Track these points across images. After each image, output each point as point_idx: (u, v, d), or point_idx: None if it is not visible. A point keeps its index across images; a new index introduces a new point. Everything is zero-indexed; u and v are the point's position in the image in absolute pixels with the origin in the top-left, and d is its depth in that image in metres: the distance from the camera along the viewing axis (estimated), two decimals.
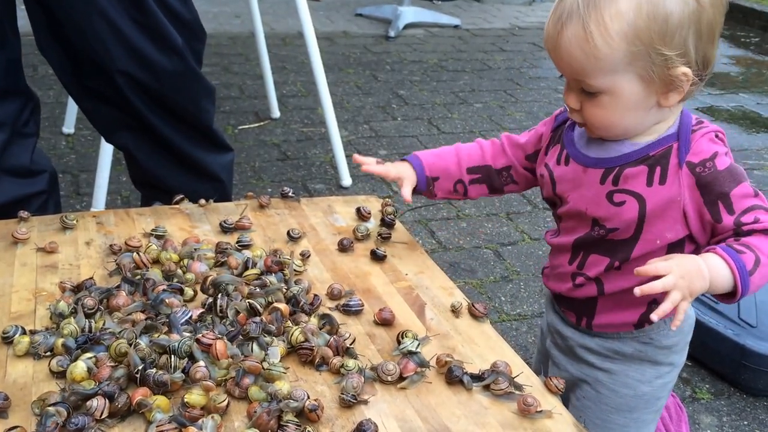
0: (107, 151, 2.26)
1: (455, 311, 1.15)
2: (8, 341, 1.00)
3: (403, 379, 0.99)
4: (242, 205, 1.45)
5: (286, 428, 0.86)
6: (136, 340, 0.97)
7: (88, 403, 0.87)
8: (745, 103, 4.16)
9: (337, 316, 1.09)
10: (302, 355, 1.00)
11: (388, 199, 1.49)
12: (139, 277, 1.14)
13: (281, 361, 0.98)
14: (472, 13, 5.94)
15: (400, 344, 1.03)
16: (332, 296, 1.16)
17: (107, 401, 0.88)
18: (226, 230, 1.34)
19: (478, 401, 0.97)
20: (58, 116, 3.26)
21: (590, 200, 1.12)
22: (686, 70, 1.00)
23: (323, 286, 1.19)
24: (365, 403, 0.94)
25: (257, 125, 3.42)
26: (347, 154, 3.02)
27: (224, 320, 1.05)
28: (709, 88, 4.31)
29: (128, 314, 1.05)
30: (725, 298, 1.04)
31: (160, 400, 0.89)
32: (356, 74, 4.25)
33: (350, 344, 1.04)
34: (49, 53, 1.73)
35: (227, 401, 0.90)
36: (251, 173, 2.94)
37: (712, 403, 1.88)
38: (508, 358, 1.04)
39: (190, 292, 1.14)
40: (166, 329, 1.02)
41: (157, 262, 1.22)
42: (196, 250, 1.24)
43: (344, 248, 1.31)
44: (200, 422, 0.86)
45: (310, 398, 0.91)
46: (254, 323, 1.01)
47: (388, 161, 1.33)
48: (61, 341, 0.98)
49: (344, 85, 4.05)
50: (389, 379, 0.97)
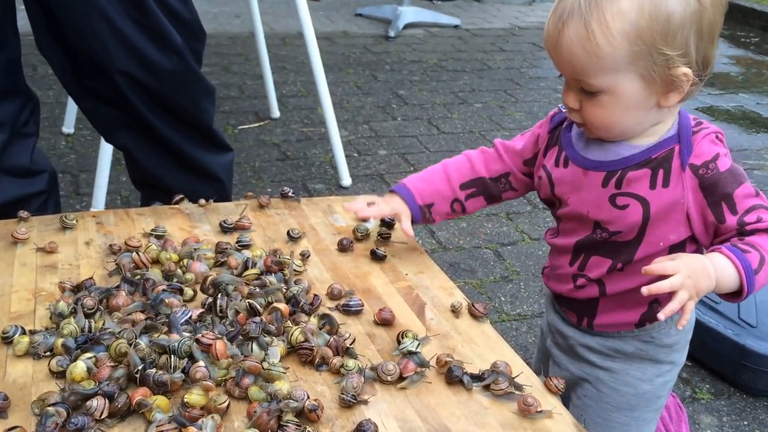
0: (107, 151, 2.26)
1: (455, 311, 1.15)
2: (8, 341, 1.00)
3: (403, 379, 0.99)
4: (242, 205, 1.44)
5: (286, 428, 0.86)
6: (135, 340, 0.97)
7: (87, 403, 0.87)
8: (745, 103, 4.16)
9: (337, 316, 1.09)
10: (302, 355, 1.00)
11: None
12: (138, 277, 1.14)
13: (281, 361, 0.98)
14: (471, 13, 5.94)
15: (400, 344, 1.03)
16: (332, 296, 1.16)
17: (107, 401, 0.87)
18: (225, 230, 1.34)
19: (478, 401, 0.97)
20: (57, 116, 3.26)
21: (592, 203, 1.12)
22: (687, 70, 1.00)
23: (323, 286, 1.19)
24: (365, 403, 0.94)
25: (257, 125, 3.42)
26: (347, 154, 3.02)
27: (224, 320, 1.05)
28: (709, 88, 4.31)
29: (128, 314, 1.05)
30: (730, 297, 1.04)
31: (159, 400, 0.89)
32: (356, 74, 4.25)
33: (350, 344, 1.03)
34: (48, 53, 1.73)
35: (228, 402, 0.89)
36: (251, 173, 2.94)
37: (712, 403, 1.88)
38: (508, 358, 1.04)
39: (189, 292, 1.14)
40: (165, 329, 1.02)
41: (156, 262, 1.22)
42: (195, 250, 1.24)
43: (344, 248, 1.30)
44: (200, 422, 0.86)
45: (309, 398, 0.91)
46: (254, 323, 1.01)
47: (377, 195, 1.31)
48: (60, 341, 0.98)
49: (344, 85, 4.05)
50: (389, 379, 0.97)
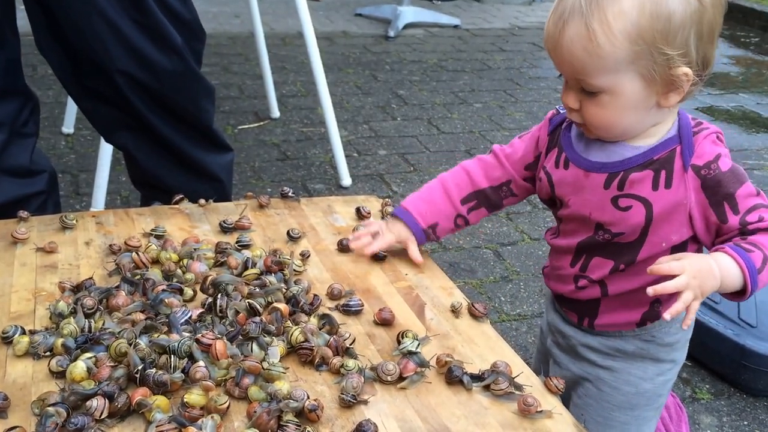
0: (107, 151, 2.26)
1: (455, 311, 1.15)
2: (8, 341, 1.00)
3: (402, 379, 0.98)
4: (242, 205, 1.44)
5: (285, 428, 0.86)
6: (135, 340, 0.97)
7: (87, 403, 0.87)
8: (745, 103, 4.16)
9: (336, 316, 1.09)
10: (302, 355, 1.00)
11: (387, 199, 1.49)
12: (138, 277, 1.14)
13: (281, 361, 0.98)
14: (471, 13, 5.94)
15: (400, 344, 1.03)
16: (332, 296, 1.16)
17: (107, 401, 0.87)
18: (225, 230, 1.34)
19: (478, 401, 0.97)
20: (57, 116, 3.26)
21: (594, 205, 1.12)
22: (687, 70, 1.00)
23: (323, 286, 1.19)
24: (365, 403, 0.94)
25: (257, 125, 3.42)
26: (347, 154, 3.02)
27: (224, 320, 1.05)
28: (709, 88, 4.31)
29: (128, 314, 1.05)
30: (733, 296, 1.05)
31: (159, 400, 0.89)
32: (356, 74, 4.25)
33: (350, 344, 1.03)
34: (48, 53, 1.73)
35: (228, 403, 0.89)
36: (251, 173, 2.94)
37: (712, 403, 1.88)
38: (507, 358, 1.04)
39: (189, 292, 1.14)
40: (165, 329, 1.01)
41: (156, 262, 1.21)
42: (195, 250, 1.23)
43: (344, 248, 1.30)
44: (200, 422, 0.86)
45: (309, 398, 0.90)
46: (254, 323, 1.01)
47: (381, 221, 1.31)
48: (60, 341, 0.98)
49: (344, 85, 4.05)
50: (389, 379, 0.97)
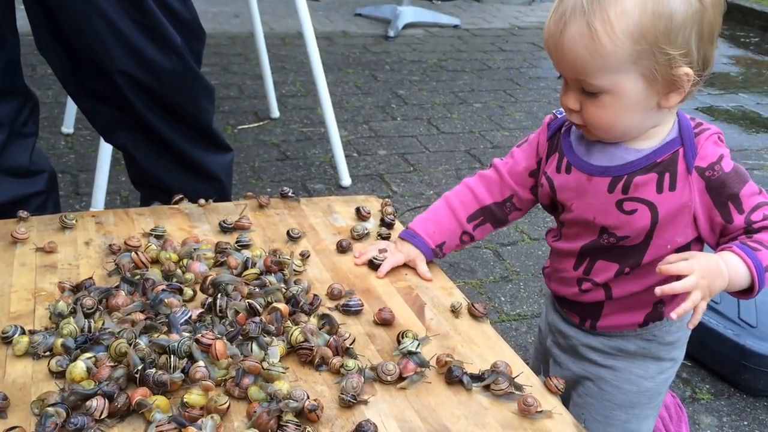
0: (106, 151, 2.26)
1: (455, 311, 1.15)
2: (7, 341, 1.00)
3: (402, 379, 0.98)
4: (242, 205, 1.44)
5: (285, 428, 0.86)
6: (135, 340, 0.97)
7: (87, 403, 0.87)
8: (744, 103, 4.16)
9: (336, 316, 1.09)
10: (302, 355, 1.00)
11: (387, 199, 1.49)
12: (138, 277, 1.14)
13: (281, 361, 0.98)
14: (471, 12, 5.94)
15: (400, 344, 1.03)
16: (332, 296, 1.16)
17: (107, 401, 0.87)
18: (225, 230, 1.34)
19: (478, 401, 0.97)
20: (57, 116, 3.25)
21: (598, 209, 1.12)
22: (688, 70, 1.00)
23: (323, 286, 1.19)
24: (365, 403, 0.94)
25: (256, 125, 3.42)
26: (347, 154, 3.02)
27: (224, 320, 1.05)
28: (708, 88, 4.31)
29: (127, 314, 1.05)
30: (740, 294, 1.05)
31: (159, 400, 0.89)
32: (356, 74, 4.25)
33: (350, 344, 1.03)
34: (48, 53, 1.73)
35: (228, 403, 0.89)
36: (250, 173, 2.93)
37: (712, 403, 1.88)
38: (507, 358, 1.04)
39: (189, 292, 1.14)
40: (165, 329, 1.01)
41: (156, 262, 1.21)
42: (195, 249, 1.23)
43: (343, 250, 1.30)
44: (200, 422, 0.86)
45: (309, 398, 0.90)
46: (254, 323, 1.01)
47: (388, 242, 1.31)
48: (60, 341, 0.98)
49: (343, 85, 4.04)
50: (389, 379, 0.97)
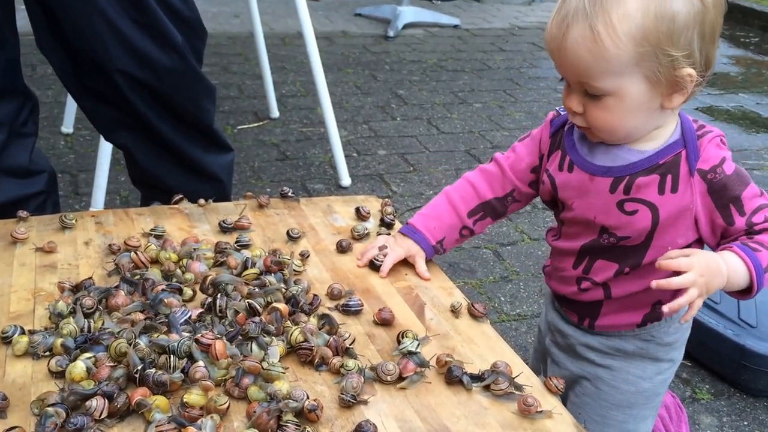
0: (106, 151, 2.26)
1: (455, 311, 1.15)
2: (7, 341, 1.00)
3: (402, 379, 0.98)
4: (241, 205, 1.44)
5: (285, 428, 0.86)
6: (135, 339, 0.97)
7: (87, 403, 0.87)
8: (744, 103, 4.16)
9: (336, 316, 1.09)
10: (302, 355, 1.00)
11: (387, 199, 1.49)
12: (138, 276, 1.14)
13: (280, 361, 0.98)
14: (471, 12, 5.94)
15: (399, 344, 1.03)
16: (332, 296, 1.16)
17: (106, 401, 0.87)
18: (225, 230, 1.34)
19: (477, 401, 0.97)
20: (56, 116, 3.25)
21: (599, 209, 1.12)
22: (691, 71, 1.00)
23: (323, 286, 1.19)
24: (365, 403, 0.94)
25: (256, 125, 3.42)
26: (346, 154, 3.02)
27: (223, 320, 1.05)
28: (708, 88, 4.31)
29: (127, 314, 1.05)
30: (738, 294, 1.06)
31: (159, 400, 0.89)
32: (355, 74, 4.25)
33: (350, 344, 1.03)
34: (49, 53, 1.72)
35: (228, 403, 0.89)
36: (250, 173, 2.93)
37: (712, 403, 1.88)
38: (507, 358, 1.04)
39: (189, 291, 1.14)
40: (165, 329, 1.01)
41: (156, 261, 1.21)
42: (195, 249, 1.23)
43: (343, 250, 1.30)
44: (199, 422, 0.86)
45: (309, 398, 0.90)
46: (253, 323, 1.01)
47: (389, 236, 1.30)
48: (60, 341, 0.98)
49: (343, 85, 4.04)
50: (389, 379, 0.97)
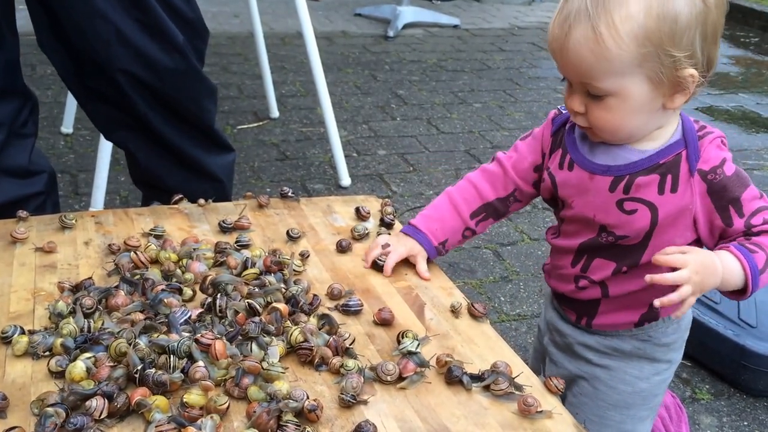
0: (106, 151, 2.26)
1: (455, 311, 1.15)
2: (7, 341, 1.00)
3: (402, 379, 0.98)
4: (241, 205, 1.44)
5: (285, 428, 0.86)
6: (135, 339, 0.97)
7: (87, 403, 0.87)
8: (744, 103, 4.16)
9: (336, 316, 1.09)
10: (301, 355, 1.00)
11: (387, 199, 1.49)
12: (138, 276, 1.14)
13: (280, 361, 0.98)
14: (471, 12, 5.93)
15: (399, 344, 1.03)
16: (332, 296, 1.16)
17: (106, 401, 0.87)
18: (225, 230, 1.34)
19: (477, 401, 0.97)
20: (56, 116, 3.25)
21: (599, 207, 1.12)
22: (693, 71, 1.01)
23: (322, 286, 1.19)
24: (365, 403, 0.94)
25: (256, 125, 3.42)
26: (346, 154, 3.02)
27: (223, 320, 1.05)
28: (708, 88, 4.31)
29: (127, 314, 1.05)
30: (733, 294, 1.06)
31: (159, 400, 0.89)
32: (355, 74, 4.25)
33: (350, 344, 1.03)
34: (50, 53, 1.72)
35: (228, 403, 0.89)
36: (250, 173, 2.93)
37: (712, 403, 1.88)
38: (507, 358, 1.04)
39: (189, 291, 1.13)
40: (165, 329, 1.01)
41: (155, 261, 1.21)
42: (195, 249, 1.23)
43: (343, 250, 1.30)
44: (199, 422, 0.86)
45: (309, 398, 0.90)
46: (253, 323, 1.01)
47: (392, 235, 1.30)
48: (59, 341, 0.98)
49: (343, 85, 4.04)
50: (389, 379, 0.97)
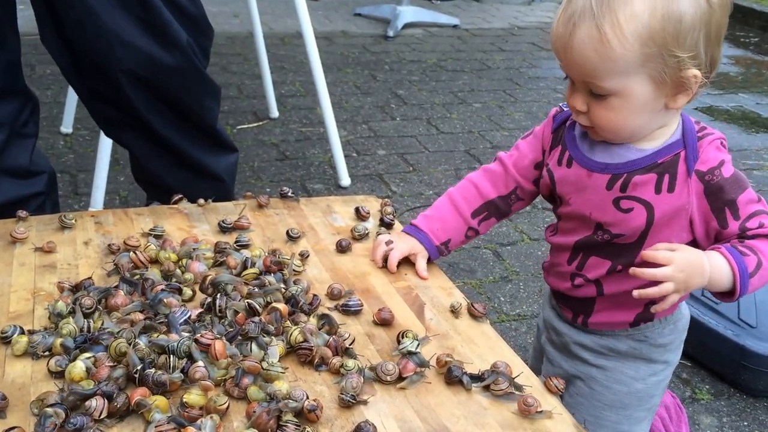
0: (105, 151, 2.26)
1: (454, 311, 1.15)
2: (6, 341, 1.00)
3: (402, 379, 0.98)
4: (241, 204, 1.44)
5: (285, 428, 0.86)
6: (134, 339, 0.97)
7: (86, 403, 0.87)
8: (744, 103, 4.16)
9: (336, 316, 1.09)
10: (301, 355, 1.00)
11: (386, 199, 1.49)
12: (137, 276, 1.14)
13: (280, 361, 0.98)
14: (471, 12, 5.93)
15: (399, 344, 1.03)
16: (332, 296, 1.16)
17: (106, 401, 0.87)
18: (224, 230, 1.34)
19: (477, 402, 0.97)
20: (56, 116, 3.25)
21: (595, 205, 1.12)
22: (697, 72, 1.01)
23: (322, 286, 1.19)
24: (364, 403, 0.94)
25: (256, 125, 3.42)
26: (346, 154, 3.01)
27: (223, 320, 1.05)
28: (708, 88, 4.26)
29: (127, 314, 1.05)
30: (722, 296, 1.07)
31: (158, 400, 0.89)
32: (355, 74, 4.24)
33: (349, 344, 1.03)
34: (53, 51, 1.72)
35: (227, 403, 0.89)
36: (250, 173, 2.93)
37: (712, 403, 1.88)
38: (507, 358, 1.04)
39: (188, 291, 1.13)
40: (164, 329, 1.01)
41: (155, 261, 1.21)
42: (194, 249, 1.23)
43: (343, 249, 1.30)
44: (199, 422, 0.86)
45: (309, 398, 0.90)
46: (253, 323, 1.01)
47: (393, 235, 1.30)
48: (59, 341, 0.98)
49: (343, 84, 4.04)
50: (388, 379, 0.97)
